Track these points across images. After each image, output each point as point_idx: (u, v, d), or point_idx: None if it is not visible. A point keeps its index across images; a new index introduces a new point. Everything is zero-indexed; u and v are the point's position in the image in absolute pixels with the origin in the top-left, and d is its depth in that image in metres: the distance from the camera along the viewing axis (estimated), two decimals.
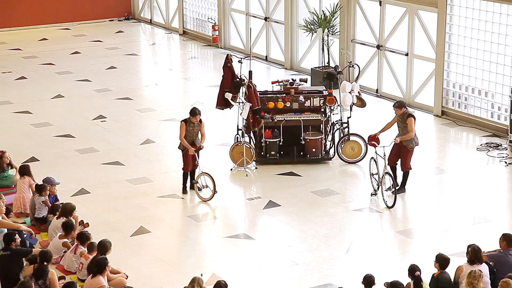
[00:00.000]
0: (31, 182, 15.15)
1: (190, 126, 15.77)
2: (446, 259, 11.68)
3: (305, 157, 17.46)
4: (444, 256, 11.72)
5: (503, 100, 18.99)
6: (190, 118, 15.73)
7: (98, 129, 19.76)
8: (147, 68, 25.83)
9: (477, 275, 11.02)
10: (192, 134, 15.82)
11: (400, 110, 15.71)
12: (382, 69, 22.00)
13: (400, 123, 15.74)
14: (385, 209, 15.28)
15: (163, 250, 13.87)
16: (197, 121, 15.75)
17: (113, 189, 16.31)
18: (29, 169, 15.34)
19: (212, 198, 15.64)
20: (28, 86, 23.30)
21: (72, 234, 13.32)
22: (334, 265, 13.34)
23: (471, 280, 11.01)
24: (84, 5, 31.19)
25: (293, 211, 15.29)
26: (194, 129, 15.81)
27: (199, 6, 28.56)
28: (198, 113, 15.73)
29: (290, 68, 24.72)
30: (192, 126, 15.78)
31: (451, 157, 18.18)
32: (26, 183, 15.11)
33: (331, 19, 22.28)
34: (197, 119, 15.74)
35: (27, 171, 15.28)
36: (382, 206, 15.39)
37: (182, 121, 15.83)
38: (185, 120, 15.81)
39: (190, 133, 15.77)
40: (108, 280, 11.97)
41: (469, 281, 11.02)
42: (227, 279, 11.50)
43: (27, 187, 15.04)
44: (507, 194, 16.08)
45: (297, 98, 17.61)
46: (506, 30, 18.71)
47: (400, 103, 15.87)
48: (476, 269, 11.16)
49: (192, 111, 15.78)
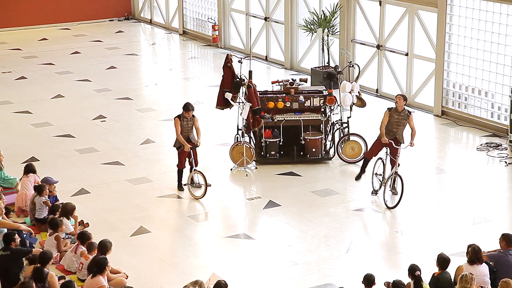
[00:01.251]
0: (37, 179, 15.15)
1: (184, 121, 15.81)
2: (446, 259, 11.68)
3: (305, 157, 17.46)
4: (444, 256, 11.71)
5: (503, 100, 18.99)
6: (183, 113, 15.77)
7: (98, 129, 19.76)
8: (147, 68, 25.83)
9: (468, 279, 10.98)
10: (187, 130, 15.84)
11: (405, 102, 15.51)
12: (382, 69, 22.00)
13: (401, 119, 15.41)
14: (385, 209, 15.28)
15: (163, 250, 13.87)
16: (189, 116, 15.77)
17: (113, 189, 16.31)
18: (35, 167, 15.34)
19: (205, 194, 15.67)
20: (28, 86, 23.30)
21: (60, 229, 13.33)
22: (334, 265, 13.34)
23: (463, 284, 10.98)
24: (84, 5, 31.21)
25: (293, 211, 15.29)
26: (188, 124, 15.83)
27: (199, 6, 28.57)
28: (191, 108, 15.77)
29: (290, 68, 24.72)
30: (186, 121, 15.81)
31: (451, 157, 18.18)
32: (31, 181, 15.09)
33: (331, 19, 22.28)
34: (190, 114, 15.77)
35: (33, 169, 15.28)
36: (383, 206, 15.38)
37: (176, 117, 15.87)
38: (179, 116, 15.84)
39: (184, 129, 15.81)
40: (108, 280, 11.96)
41: (462, 285, 10.98)
42: (227, 279, 11.50)
43: (31, 185, 15.03)
44: (507, 194, 16.08)
45: (297, 98, 17.61)
46: (506, 30, 18.71)
47: (405, 96, 15.80)
48: (467, 273, 11.09)
49: (185, 106, 15.82)
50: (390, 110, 15.49)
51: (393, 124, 15.46)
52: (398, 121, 15.44)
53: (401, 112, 15.43)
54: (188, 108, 15.77)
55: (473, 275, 11.06)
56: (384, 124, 15.46)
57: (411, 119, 15.47)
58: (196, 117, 15.92)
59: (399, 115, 15.44)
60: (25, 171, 15.31)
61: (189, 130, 15.88)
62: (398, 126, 15.48)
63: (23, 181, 15.21)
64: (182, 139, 15.75)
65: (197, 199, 15.72)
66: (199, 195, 15.76)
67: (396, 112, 15.44)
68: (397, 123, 15.45)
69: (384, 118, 15.49)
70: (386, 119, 15.47)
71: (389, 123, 15.47)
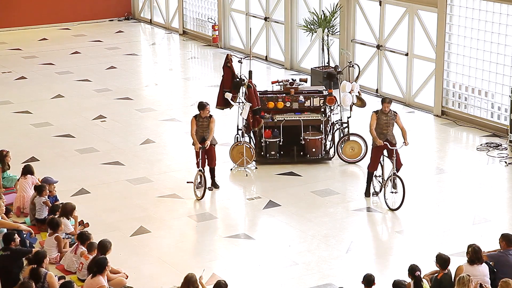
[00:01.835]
0: (35, 180, 15.14)
1: (200, 121, 15.83)
2: (445, 259, 11.67)
3: (305, 157, 17.46)
4: (443, 256, 11.71)
5: (503, 100, 18.98)
6: (200, 113, 15.79)
7: (98, 129, 19.76)
8: (147, 68, 25.83)
9: (466, 281, 10.96)
10: (202, 129, 15.85)
11: (390, 105, 15.47)
12: (382, 69, 22.00)
13: (389, 120, 15.33)
14: (386, 209, 15.28)
15: (163, 250, 13.87)
16: (206, 114, 15.77)
17: (113, 189, 16.31)
18: (33, 169, 15.33)
19: (203, 196, 15.68)
20: (28, 86, 23.30)
21: (60, 228, 13.32)
22: (334, 265, 13.34)
23: (460, 287, 10.97)
24: (84, 5, 31.21)
25: (293, 211, 15.29)
26: (203, 124, 15.83)
27: (199, 6, 28.57)
28: (206, 104, 15.82)
29: (290, 68, 24.72)
30: (202, 121, 15.82)
31: (451, 157, 18.17)
32: (29, 182, 15.09)
33: (331, 19, 22.28)
34: (206, 112, 15.77)
35: (30, 170, 15.27)
36: (383, 206, 15.38)
37: (193, 117, 15.92)
38: (195, 116, 15.87)
39: (200, 128, 15.86)
40: (108, 280, 11.97)
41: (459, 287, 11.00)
42: (227, 279, 11.50)
43: (29, 186, 15.03)
44: (507, 194, 16.07)
45: (297, 98, 17.61)
46: (506, 30, 18.71)
47: (391, 99, 15.79)
48: (464, 275, 11.07)
49: (200, 105, 15.89)
50: (377, 113, 15.44)
51: (382, 126, 15.41)
52: (387, 121, 15.43)
53: (388, 113, 15.42)
54: (204, 106, 15.81)
55: (470, 277, 11.04)
56: (373, 126, 15.38)
57: (399, 118, 15.50)
58: (213, 118, 15.92)
59: (387, 116, 15.42)
60: (23, 172, 15.30)
61: (204, 130, 15.87)
62: (388, 127, 15.44)
63: (21, 182, 15.19)
64: (194, 138, 15.80)
65: (198, 200, 15.72)
66: (199, 196, 15.75)
67: (383, 114, 15.40)
68: (386, 124, 15.42)
69: (372, 121, 15.40)
70: (374, 122, 15.39)
71: (378, 126, 15.41)
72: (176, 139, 19.18)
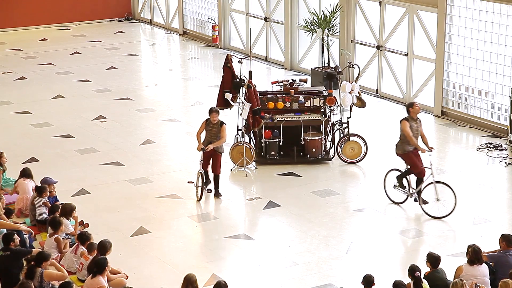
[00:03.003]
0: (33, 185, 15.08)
1: (209, 126, 15.82)
2: (436, 257, 11.66)
3: (305, 157, 17.46)
4: (434, 255, 11.71)
5: (503, 101, 18.99)
6: (210, 117, 15.80)
7: (98, 129, 19.77)
8: (147, 68, 25.83)
9: (459, 286, 10.95)
10: (210, 135, 15.82)
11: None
12: (382, 69, 22.00)
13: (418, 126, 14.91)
14: (385, 209, 15.28)
15: (163, 250, 13.87)
16: (215, 120, 15.73)
17: (113, 189, 16.31)
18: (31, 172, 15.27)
19: (201, 197, 15.68)
20: (28, 86, 23.30)
21: (60, 229, 13.31)
22: (334, 265, 13.34)
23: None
24: (84, 5, 31.21)
25: (293, 211, 15.29)
26: (212, 130, 15.79)
27: (199, 6, 28.57)
28: (214, 110, 15.81)
29: (290, 68, 24.72)
30: (211, 127, 15.79)
31: (451, 157, 18.17)
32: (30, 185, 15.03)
33: (331, 19, 22.28)
34: (214, 117, 15.72)
35: (30, 174, 15.22)
36: (383, 207, 15.38)
37: (204, 120, 15.96)
38: (207, 119, 15.90)
39: (208, 133, 15.84)
40: (108, 280, 11.96)
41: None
42: (227, 279, 11.51)
43: (31, 187, 14.99)
44: (507, 194, 16.07)
45: (297, 98, 17.62)
46: (506, 30, 18.71)
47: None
48: (457, 280, 11.04)
49: (209, 110, 15.91)
50: (408, 120, 14.88)
51: (414, 133, 14.89)
52: (417, 128, 15.00)
53: (416, 119, 15.03)
54: (212, 111, 15.79)
55: (464, 281, 11.00)
56: (411, 133, 14.74)
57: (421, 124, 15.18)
58: (224, 126, 15.78)
59: (416, 122, 15.02)
60: (22, 175, 15.25)
61: (212, 136, 15.79)
62: (417, 133, 15.00)
63: (21, 183, 15.11)
64: (197, 138, 15.81)
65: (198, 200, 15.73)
66: (198, 196, 15.75)
67: (412, 119, 14.97)
68: (417, 130, 14.98)
69: (407, 128, 14.73)
70: (409, 129, 14.76)
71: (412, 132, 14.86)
72: (176, 140, 19.19)
